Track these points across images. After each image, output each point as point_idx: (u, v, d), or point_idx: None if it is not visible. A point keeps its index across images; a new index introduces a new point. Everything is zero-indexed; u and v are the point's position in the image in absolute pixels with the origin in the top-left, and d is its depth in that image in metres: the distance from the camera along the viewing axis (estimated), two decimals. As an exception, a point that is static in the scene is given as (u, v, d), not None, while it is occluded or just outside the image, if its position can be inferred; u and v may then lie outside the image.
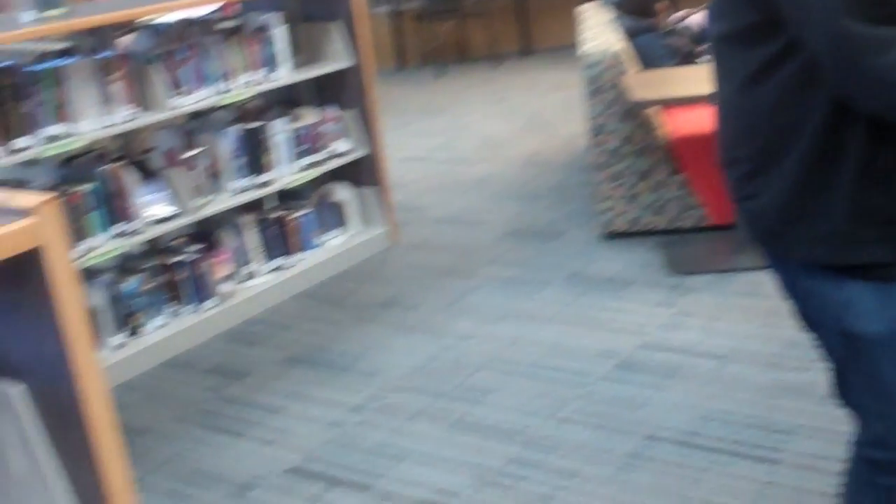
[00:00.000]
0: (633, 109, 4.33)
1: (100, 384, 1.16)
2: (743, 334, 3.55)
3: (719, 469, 2.80)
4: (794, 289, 1.77)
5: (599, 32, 4.70)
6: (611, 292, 4.02)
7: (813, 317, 1.78)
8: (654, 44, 5.24)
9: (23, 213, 1.10)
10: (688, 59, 5.04)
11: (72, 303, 1.12)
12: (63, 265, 1.11)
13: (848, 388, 1.82)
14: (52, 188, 3.62)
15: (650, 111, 4.47)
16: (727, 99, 1.72)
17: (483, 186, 5.61)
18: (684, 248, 4.35)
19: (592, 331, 3.72)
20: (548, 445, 3.02)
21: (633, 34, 5.25)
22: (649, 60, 5.08)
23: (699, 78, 3.91)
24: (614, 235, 4.57)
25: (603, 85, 4.32)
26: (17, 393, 1.20)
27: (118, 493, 1.19)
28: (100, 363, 1.14)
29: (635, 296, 3.96)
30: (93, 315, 3.70)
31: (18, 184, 3.69)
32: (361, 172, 4.75)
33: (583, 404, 3.23)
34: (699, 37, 5.03)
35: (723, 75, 1.72)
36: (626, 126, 4.36)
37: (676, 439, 2.97)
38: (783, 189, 1.65)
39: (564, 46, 9.08)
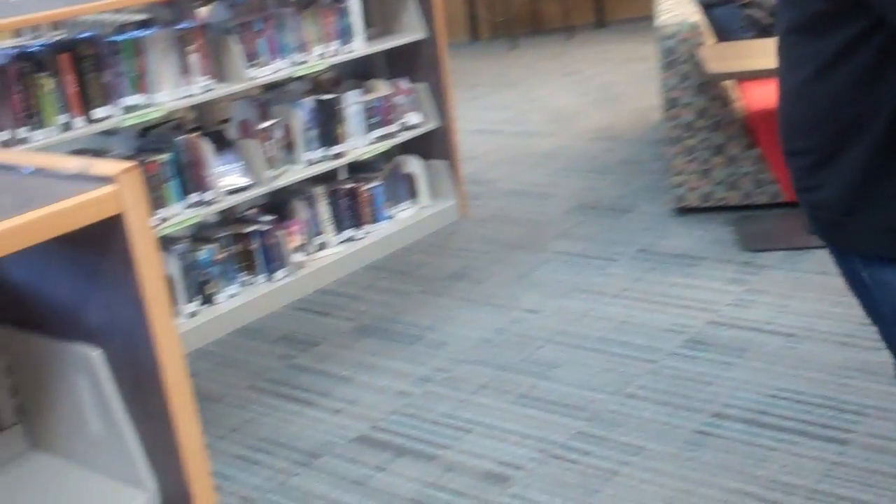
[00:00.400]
0: (708, 82, 4.26)
1: (176, 350, 1.18)
2: (815, 312, 3.49)
3: (787, 448, 2.78)
4: (855, 280, 1.75)
5: (676, 4, 4.63)
6: (681, 268, 3.99)
7: (874, 308, 1.75)
8: (731, 15, 5.14)
9: (104, 180, 1.11)
10: (766, 31, 4.94)
11: (151, 269, 1.15)
12: (143, 232, 1.14)
13: None
14: (130, 157, 3.70)
15: (726, 84, 4.40)
16: (792, 90, 1.69)
17: (554, 160, 5.59)
18: (757, 224, 4.29)
19: (661, 307, 3.69)
20: (613, 421, 3.02)
21: (709, 6, 5.16)
22: (726, 33, 4.99)
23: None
24: (686, 211, 4.52)
25: (678, 57, 4.26)
26: (95, 356, 1.24)
27: (191, 456, 1.22)
28: (176, 330, 1.17)
29: (706, 272, 3.92)
30: (167, 283, 3.78)
31: (98, 153, 3.77)
32: (432, 145, 4.76)
33: (650, 380, 3.21)
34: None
35: (788, 66, 1.69)
36: (700, 99, 4.30)
37: (744, 417, 2.95)
38: (846, 181, 1.62)
39: (639, 18, 8.95)
